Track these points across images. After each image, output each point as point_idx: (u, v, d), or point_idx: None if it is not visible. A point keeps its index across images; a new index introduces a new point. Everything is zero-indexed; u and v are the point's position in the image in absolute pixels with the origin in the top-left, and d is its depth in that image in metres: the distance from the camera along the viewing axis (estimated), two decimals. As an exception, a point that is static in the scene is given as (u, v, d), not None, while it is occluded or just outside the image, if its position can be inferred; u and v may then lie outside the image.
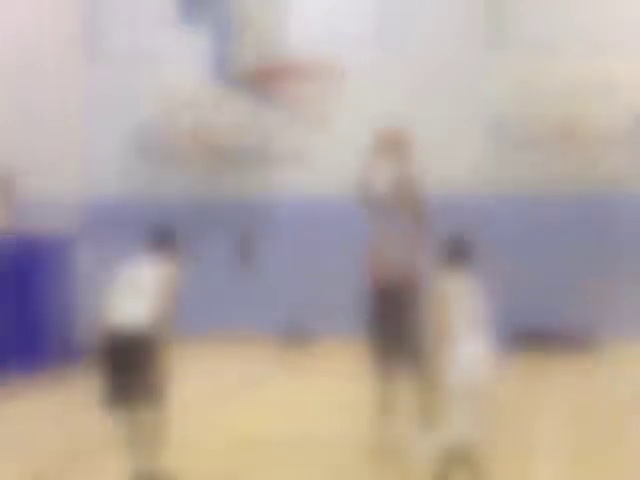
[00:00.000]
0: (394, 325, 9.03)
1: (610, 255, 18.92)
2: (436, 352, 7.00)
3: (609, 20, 19.01)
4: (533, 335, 18.30)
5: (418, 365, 8.92)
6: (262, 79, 11.23)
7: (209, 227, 19.97)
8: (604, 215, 19.00)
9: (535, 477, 8.36)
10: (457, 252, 7.32)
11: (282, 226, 19.76)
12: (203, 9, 11.59)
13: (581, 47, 18.93)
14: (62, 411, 12.03)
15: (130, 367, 7.58)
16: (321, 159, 18.53)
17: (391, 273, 9.10)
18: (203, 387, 13.40)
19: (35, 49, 16.20)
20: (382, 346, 9.16)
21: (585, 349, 17.84)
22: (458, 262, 7.28)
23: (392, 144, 9.31)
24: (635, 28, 18.93)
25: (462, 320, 6.98)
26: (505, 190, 19.21)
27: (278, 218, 19.76)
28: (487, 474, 7.01)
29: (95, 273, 17.44)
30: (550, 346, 18.00)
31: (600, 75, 18.68)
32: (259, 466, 8.83)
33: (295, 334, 19.28)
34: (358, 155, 19.19)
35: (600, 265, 18.90)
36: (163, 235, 8.04)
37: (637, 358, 16.03)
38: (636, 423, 10.68)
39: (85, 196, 17.99)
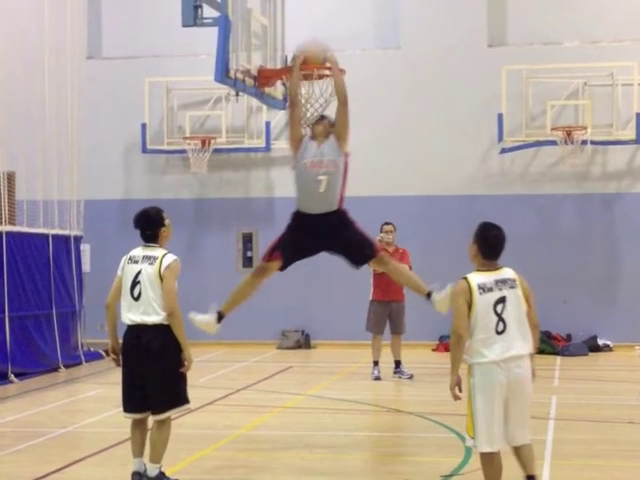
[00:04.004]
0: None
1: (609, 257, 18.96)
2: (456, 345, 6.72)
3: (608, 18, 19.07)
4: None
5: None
6: (264, 81, 11.20)
7: (209, 228, 19.96)
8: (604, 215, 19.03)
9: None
10: (490, 243, 6.90)
11: (282, 227, 19.73)
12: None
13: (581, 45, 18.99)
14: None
15: (147, 364, 7.58)
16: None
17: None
18: (205, 386, 13.44)
19: (37, 50, 16.18)
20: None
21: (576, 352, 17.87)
22: (492, 253, 6.88)
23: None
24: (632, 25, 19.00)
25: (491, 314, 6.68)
26: (507, 189, 19.24)
27: (278, 219, 19.75)
28: None
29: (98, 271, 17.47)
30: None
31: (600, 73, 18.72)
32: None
33: (294, 336, 19.30)
34: (359, 155, 19.32)
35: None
36: (148, 219, 7.93)
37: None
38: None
39: (86, 196, 17.97)
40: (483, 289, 6.73)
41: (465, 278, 6.80)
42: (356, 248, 9.32)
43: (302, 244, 9.32)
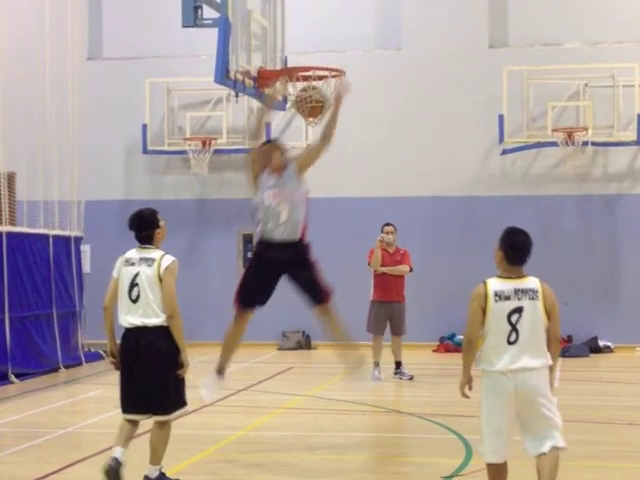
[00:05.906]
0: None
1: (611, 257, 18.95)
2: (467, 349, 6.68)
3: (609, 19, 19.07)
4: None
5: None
6: (264, 82, 11.21)
7: (210, 228, 19.95)
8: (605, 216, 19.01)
9: None
10: (517, 248, 6.75)
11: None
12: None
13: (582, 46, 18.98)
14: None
15: (148, 366, 7.56)
16: (322, 160, 18.48)
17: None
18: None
19: (37, 51, 16.19)
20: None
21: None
22: (518, 259, 6.71)
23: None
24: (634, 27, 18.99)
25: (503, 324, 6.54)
26: (508, 190, 19.22)
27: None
28: None
29: (98, 272, 17.45)
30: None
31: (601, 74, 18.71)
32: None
33: (294, 337, 19.28)
34: (360, 157, 19.35)
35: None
36: (143, 221, 7.90)
37: None
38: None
39: (87, 196, 17.96)
40: (500, 296, 6.59)
41: (484, 282, 6.68)
42: (309, 290, 9.46)
43: (264, 276, 9.39)
